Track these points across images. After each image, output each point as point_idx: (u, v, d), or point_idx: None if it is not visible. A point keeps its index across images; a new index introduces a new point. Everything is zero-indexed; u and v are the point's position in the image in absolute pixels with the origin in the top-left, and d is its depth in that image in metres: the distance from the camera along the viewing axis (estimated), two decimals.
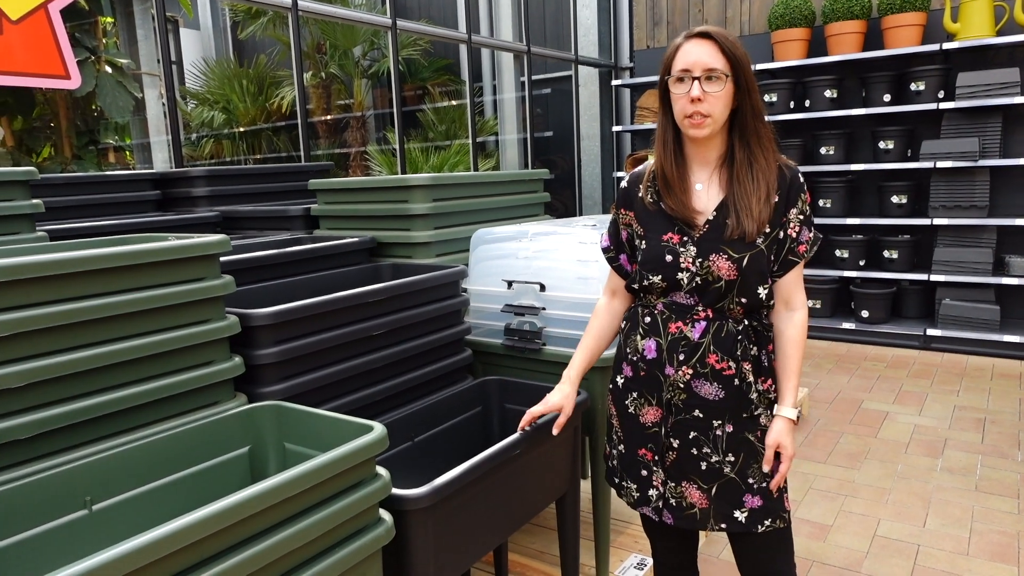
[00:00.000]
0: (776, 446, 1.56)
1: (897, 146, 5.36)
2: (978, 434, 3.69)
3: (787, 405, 1.57)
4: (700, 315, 1.56)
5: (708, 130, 1.50)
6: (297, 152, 4.38)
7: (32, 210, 1.98)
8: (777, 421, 1.57)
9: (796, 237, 1.55)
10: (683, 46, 1.50)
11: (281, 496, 1.21)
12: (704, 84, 1.47)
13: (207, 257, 1.64)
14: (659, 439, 1.63)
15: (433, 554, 1.60)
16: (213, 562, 1.13)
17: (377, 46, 8.28)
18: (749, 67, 1.50)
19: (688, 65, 1.48)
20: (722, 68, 1.47)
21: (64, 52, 3.14)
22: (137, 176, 3.22)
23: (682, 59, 1.49)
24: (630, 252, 1.69)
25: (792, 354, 1.58)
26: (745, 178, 1.51)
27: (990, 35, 4.98)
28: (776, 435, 1.56)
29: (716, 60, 1.47)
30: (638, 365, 1.63)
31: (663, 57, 1.55)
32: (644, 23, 6.90)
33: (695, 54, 1.48)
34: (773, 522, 1.59)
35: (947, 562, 2.57)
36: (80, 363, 1.41)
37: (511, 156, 6.87)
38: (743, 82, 1.49)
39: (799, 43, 5.67)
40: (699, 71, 1.47)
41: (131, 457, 1.43)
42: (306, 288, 2.39)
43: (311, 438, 1.56)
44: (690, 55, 1.48)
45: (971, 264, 5.06)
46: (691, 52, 1.48)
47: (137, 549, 1.01)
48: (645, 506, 1.68)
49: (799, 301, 1.58)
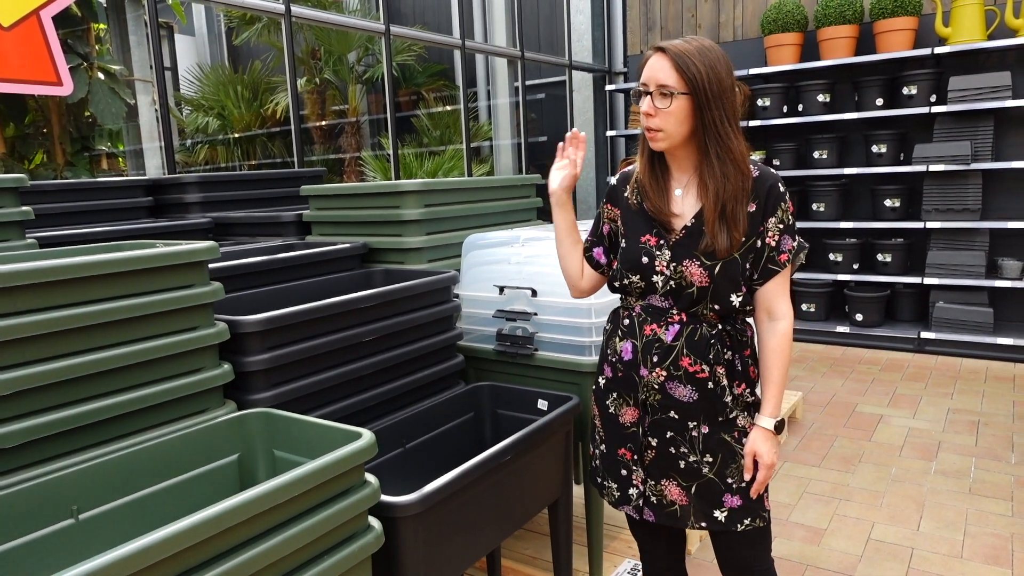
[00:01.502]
0: (753, 455, 1.57)
1: (890, 150, 5.38)
2: (972, 437, 3.69)
3: (765, 415, 1.57)
4: (674, 318, 1.57)
5: (664, 144, 1.51)
6: (291, 158, 4.38)
7: (21, 217, 1.98)
8: (755, 430, 1.58)
9: (776, 246, 1.54)
10: (648, 59, 1.51)
11: (269, 504, 1.20)
12: (655, 99, 1.48)
13: (195, 264, 1.64)
14: (637, 439, 1.64)
15: (423, 561, 1.59)
16: (201, 570, 1.12)
17: (371, 52, 8.29)
18: (714, 82, 1.45)
19: (645, 79, 1.50)
20: (674, 85, 1.46)
21: (56, 58, 3.14)
22: (129, 183, 3.22)
23: (644, 72, 1.51)
24: (608, 246, 1.72)
25: (773, 364, 1.57)
26: (704, 196, 1.52)
27: (981, 39, 5.01)
28: (751, 444, 1.57)
29: (669, 77, 1.46)
30: (616, 366, 1.65)
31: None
32: (638, 28, 6.92)
33: (652, 68, 1.48)
34: (753, 521, 1.60)
35: (941, 565, 2.57)
36: (67, 371, 1.41)
37: (505, 161, 6.87)
38: (702, 99, 1.46)
39: (792, 48, 5.69)
40: (652, 86, 1.48)
41: (119, 465, 1.42)
42: (297, 294, 2.39)
43: (300, 445, 1.56)
44: (649, 69, 1.49)
45: (964, 267, 5.07)
46: (650, 66, 1.49)
47: (124, 558, 1.01)
48: (626, 505, 1.70)
49: (781, 311, 1.56)
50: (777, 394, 1.57)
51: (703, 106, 1.46)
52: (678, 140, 1.51)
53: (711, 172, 1.50)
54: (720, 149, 1.48)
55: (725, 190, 1.48)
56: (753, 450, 1.56)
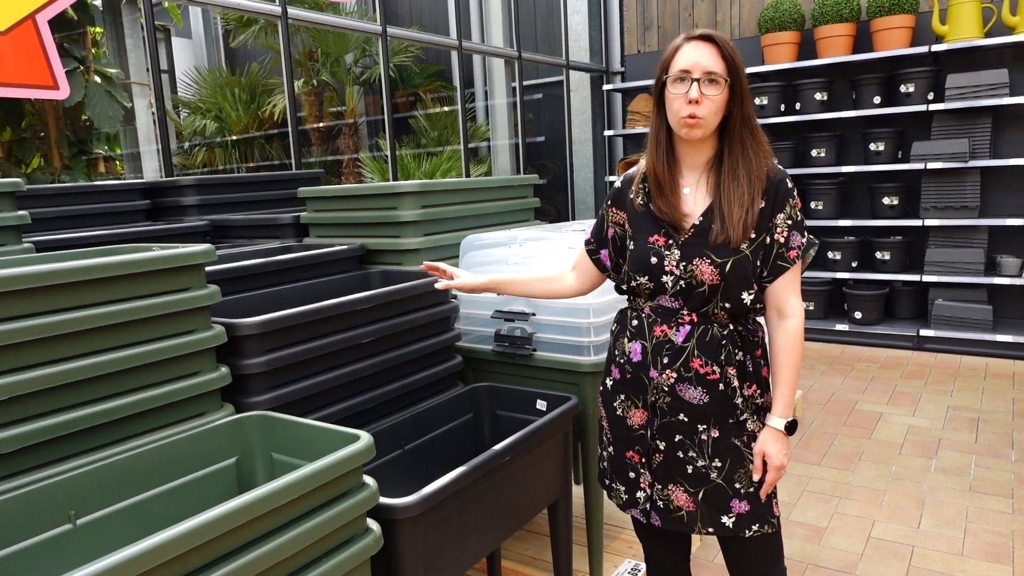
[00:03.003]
0: (762, 455, 1.56)
1: (888, 148, 5.38)
2: (972, 434, 3.69)
3: (775, 415, 1.56)
4: (685, 319, 1.56)
5: (701, 132, 1.51)
6: (290, 160, 4.38)
7: (18, 222, 1.97)
8: (765, 430, 1.57)
9: (785, 243, 1.53)
10: (683, 47, 1.51)
11: (268, 507, 1.20)
12: (703, 86, 1.47)
13: (192, 267, 1.63)
14: (645, 441, 1.63)
15: (423, 563, 1.59)
16: (199, 574, 1.12)
17: (369, 53, 8.29)
18: (744, 74, 1.51)
19: (688, 66, 1.48)
20: (721, 72, 1.47)
21: (52, 62, 3.13)
22: (126, 186, 3.21)
23: (682, 60, 1.50)
24: (613, 249, 1.70)
25: (783, 363, 1.56)
26: (731, 185, 1.52)
27: (978, 37, 5.01)
28: (761, 444, 1.56)
29: (716, 64, 1.47)
30: (624, 368, 1.64)
31: (661, 58, 1.56)
32: (635, 28, 6.92)
33: (695, 56, 1.48)
34: (761, 527, 1.59)
35: (942, 563, 2.57)
36: (64, 375, 1.40)
37: (503, 162, 6.87)
38: (738, 88, 1.50)
39: (789, 46, 5.69)
40: (699, 73, 1.48)
41: (116, 469, 1.42)
42: (295, 297, 2.38)
43: (299, 448, 1.55)
44: (690, 57, 1.49)
45: (963, 264, 5.07)
46: (691, 54, 1.49)
47: (121, 563, 1.00)
48: (633, 508, 1.69)
49: (792, 308, 1.55)
50: (788, 393, 1.56)
51: (741, 95, 1.49)
52: (711, 130, 1.52)
53: (744, 160, 1.52)
54: (752, 139, 1.52)
55: (749, 177, 1.50)
56: (762, 450, 1.55)
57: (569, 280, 1.80)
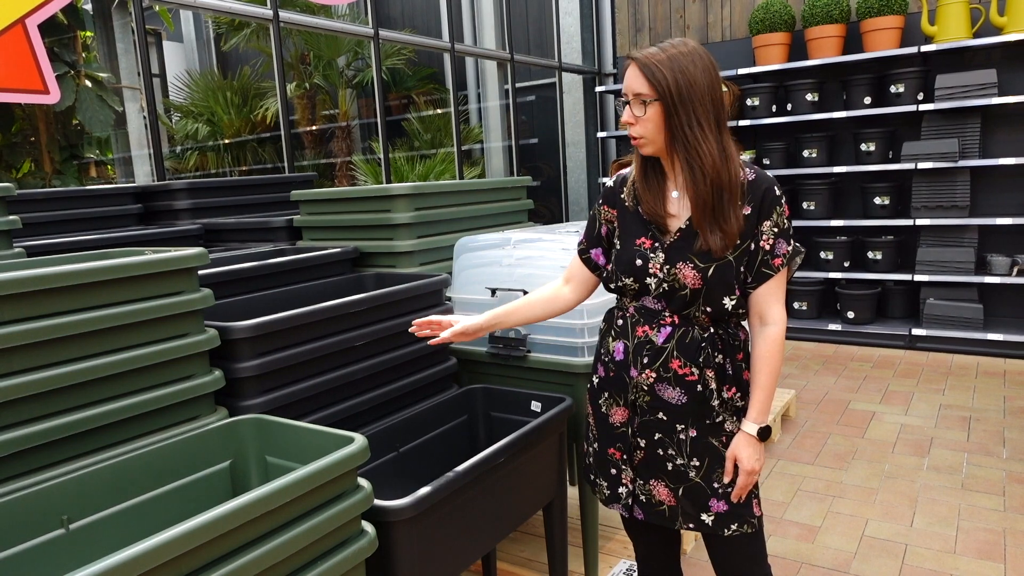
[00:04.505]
0: (733, 459, 1.57)
1: (879, 148, 5.41)
2: (964, 432, 3.71)
3: (749, 419, 1.57)
4: (666, 320, 1.57)
5: (650, 149, 1.54)
6: (283, 163, 4.37)
7: (8, 226, 1.97)
8: (738, 435, 1.58)
9: (770, 250, 1.54)
10: (625, 68, 1.55)
11: (262, 510, 1.20)
12: (634, 107, 1.51)
13: (184, 271, 1.63)
14: (627, 439, 1.65)
15: (418, 565, 1.59)
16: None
17: (361, 56, 8.29)
18: (683, 87, 1.45)
19: (624, 89, 1.54)
20: (646, 92, 1.49)
21: (42, 66, 3.12)
22: (118, 190, 3.20)
23: (624, 82, 1.55)
24: (606, 247, 1.71)
25: (761, 369, 1.57)
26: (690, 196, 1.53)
27: (967, 37, 5.04)
28: (733, 448, 1.57)
29: (642, 85, 1.49)
30: (609, 366, 1.66)
31: None
32: (626, 29, 6.94)
33: (628, 78, 1.52)
34: (740, 527, 1.60)
35: (935, 561, 2.58)
36: (57, 380, 1.40)
37: (496, 163, 6.88)
38: (669, 105, 1.47)
39: (780, 47, 5.72)
40: (629, 95, 1.52)
41: (109, 474, 1.41)
42: (288, 300, 2.38)
43: (292, 451, 1.55)
44: (626, 79, 1.53)
45: (954, 264, 5.10)
46: (626, 76, 1.53)
47: (114, 567, 1.00)
48: (616, 503, 1.71)
49: (774, 316, 1.56)
50: (763, 399, 1.57)
51: (670, 112, 1.48)
52: (661, 144, 1.53)
53: (685, 176, 1.51)
54: (688, 154, 1.49)
55: (697, 193, 1.49)
56: (734, 454, 1.57)
57: (566, 293, 1.78)
